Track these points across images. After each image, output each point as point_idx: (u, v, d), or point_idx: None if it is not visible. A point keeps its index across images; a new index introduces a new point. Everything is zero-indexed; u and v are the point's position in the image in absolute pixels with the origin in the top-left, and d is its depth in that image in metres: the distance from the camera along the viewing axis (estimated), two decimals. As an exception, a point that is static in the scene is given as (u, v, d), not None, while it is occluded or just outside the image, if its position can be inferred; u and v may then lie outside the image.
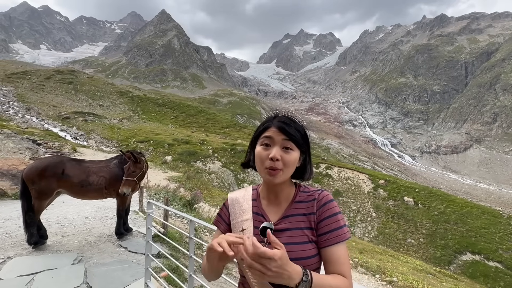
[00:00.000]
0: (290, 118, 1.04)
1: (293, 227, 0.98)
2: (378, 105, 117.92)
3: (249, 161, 1.09)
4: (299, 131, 1.01)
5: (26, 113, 33.22)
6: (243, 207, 1.08)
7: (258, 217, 1.05)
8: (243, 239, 0.78)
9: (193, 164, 23.28)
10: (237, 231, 1.05)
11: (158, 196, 8.44)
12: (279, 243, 0.79)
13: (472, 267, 15.21)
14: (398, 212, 19.96)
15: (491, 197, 55.26)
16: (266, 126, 1.03)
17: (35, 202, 3.94)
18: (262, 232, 0.99)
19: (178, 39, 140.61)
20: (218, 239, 0.81)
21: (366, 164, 57.37)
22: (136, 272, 3.52)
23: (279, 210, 1.04)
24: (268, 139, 0.99)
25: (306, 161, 1.05)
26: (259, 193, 1.11)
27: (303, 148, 1.01)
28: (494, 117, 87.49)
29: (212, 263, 0.90)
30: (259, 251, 0.73)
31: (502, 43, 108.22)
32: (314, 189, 1.05)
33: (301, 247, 0.95)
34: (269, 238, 0.80)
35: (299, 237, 0.96)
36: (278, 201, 1.05)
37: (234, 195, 1.13)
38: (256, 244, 0.75)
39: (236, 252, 0.79)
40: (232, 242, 0.80)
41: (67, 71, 64.10)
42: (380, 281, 6.65)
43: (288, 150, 0.98)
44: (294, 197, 1.04)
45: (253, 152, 1.05)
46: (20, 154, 9.85)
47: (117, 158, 4.64)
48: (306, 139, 1.03)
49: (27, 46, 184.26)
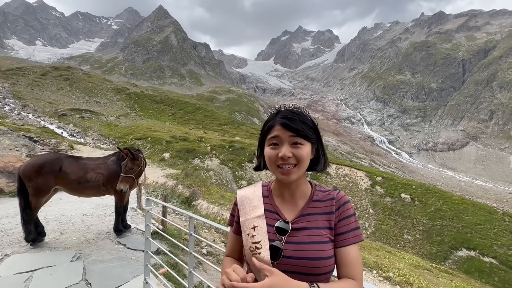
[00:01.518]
0: (293, 111, 0.97)
1: (311, 226, 0.95)
2: (376, 102, 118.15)
3: (260, 164, 1.05)
4: (306, 123, 0.96)
5: (22, 110, 32.88)
6: (253, 204, 1.03)
7: (272, 214, 1.00)
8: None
9: (191, 162, 23.24)
10: (247, 229, 1.00)
11: (157, 193, 8.43)
12: (268, 269, 0.77)
13: (467, 263, 15.41)
14: (395, 208, 20.12)
15: (487, 194, 55.85)
16: (270, 125, 0.98)
17: (32, 199, 3.91)
18: (278, 230, 0.96)
19: (175, 35, 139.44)
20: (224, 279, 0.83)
21: (363, 161, 57.64)
22: (135, 269, 3.51)
23: (296, 209, 1.00)
24: (275, 139, 0.95)
25: (319, 152, 1.01)
26: (271, 190, 1.06)
27: (313, 140, 0.96)
28: (490, 115, 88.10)
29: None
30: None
31: (500, 41, 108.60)
32: (330, 189, 1.02)
33: (320, 247, 0.91)
34: (256, 267, 0.79)
35: (318, 237, 0.93)
36: (294, 199, 1.01)
37: (243, 191, 1.08)
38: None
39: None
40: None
41: (63, 68, 63.45)
42: (377, 277, 6.72)
43: (298, 145, 0.94)
44: (311, 195, 1.00)
45: (263, 155, 1.01)
46: (17, 151, 9.77)
47: (115, 155, 4.62)
48: (315, 128, 0.98)
49: (22, 42, 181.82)
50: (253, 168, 1.11)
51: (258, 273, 0.96)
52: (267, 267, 0.77)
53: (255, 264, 0.83)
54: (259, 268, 0.78)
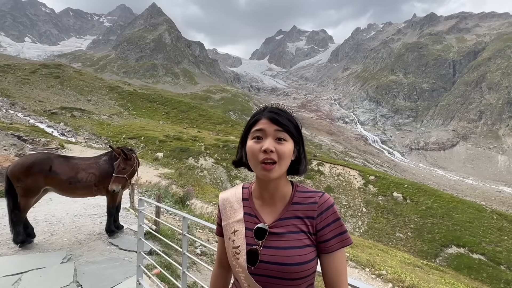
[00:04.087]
0: (281, 109, 0.98)
1: (289, 231, 0.92)
2: (369, 102, 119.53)
3: (241, 159, 1.01)
4: (292, 121, 0.95)
5: (11, 108, 32.04)
6: (234, 207, 1.01)
7: (251, 218, 0.98)
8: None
9: (185, 161, 23.08)
10: (228, 233, 0.99)
11: (150, 193, 8.34)
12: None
13: (457, 260, 15.77)
14: (387, 207, 20.42)
15: (476, 192, 57.21)
16: (256, 118, 0.96)
17: (21, 200, 3.82)
18: (256, 234, 0.94)
19: (169, 33, 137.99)
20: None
21: (357, 160, 58.25)
22: (128, 270, 3.47)
23: (274, 212, 0.96)
24: (260, 132, 0.93)
25: (300, 153, 0.98)
26: (252, 192, 1.03)
27: (296, 138, 0.95)
28: (479, 115, 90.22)
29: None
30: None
31: (488, 43, 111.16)
32: (313, 190, 0.98)
33: (299, 252, 0.89)
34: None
35: (296, 241, 0.90)
36: (273, 201, 0.98)
37: (224, 195, 1.06)
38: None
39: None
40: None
41: (54, 65, 62.07)
42: (370, 275, 6.81)
43: (282, 141, 0.91)
44: (291, 198, 0.97)
45: (244, 149, 0.97)
46: (5, 150, 9.52)
47: (107, 155, 4.54)
48: (299, 130, 0.97)
49: (10, 38, 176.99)
50: (232, 162, 1.08)
51: (241, 278, 0.95)
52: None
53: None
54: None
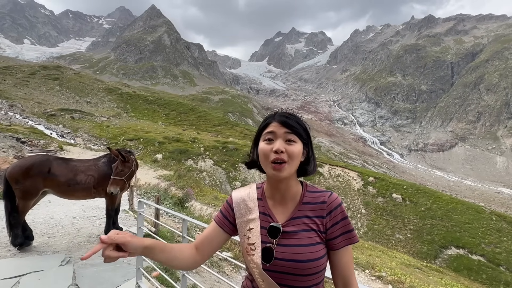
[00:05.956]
0: (290, 113, 1.06)
1: (301, 229, 0.98)
2: (368, 103, 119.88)
3: (253, 160, 1.08)
4: (300, 124, 1.03)
5: (9, 110, 31.95)
6: (249, 206, 1.07)
7: (265, 217, 1.03)
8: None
9: (184, 163, 23.04)
10: (243, 230, 1.04)
11: (149, 195, 8.32)
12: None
13: (456, 261, 15.76)
14: (387, 208, 20.41)
15: (475, 193, 57.31)
16: (267, 122, 1.04)
17: (19, 203, 3.80)
18: (270, 232, 0.99)
19: (168, 35, 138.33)
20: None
21: (356, 161, 58.32)
22: (127, 272, 3.45)
23: (286, 211, 1.03)
24: (271, 134, 1.00)
25: (309, 154, 1.05)
26: (264, 192, 1.09)
27: (305, 140, 1.02)
28: (478, 116, 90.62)
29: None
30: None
31: (486, 45, 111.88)
32: (322, 190, 1.04)
33: (311, 249, 0.95)
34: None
35: (308, 239, 0.96)
36: (284, 201, 1.04)
37: (239, 193, 1.11)
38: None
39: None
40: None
41: (53, 67, 62.05)
42: (369, 276, 6.80)
43: (291, 143, 0.99)
44: (301, 197, 1.03)
45: (256, 151, 1.05)
46: (3, 152, 9.49)
47: (106, 157, 4.53)
48: (308, 132, 1.05)
49: (9, 40, 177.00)
50: (244, 163, 1.15)
51: (255, 274, 0.99)
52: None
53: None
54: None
